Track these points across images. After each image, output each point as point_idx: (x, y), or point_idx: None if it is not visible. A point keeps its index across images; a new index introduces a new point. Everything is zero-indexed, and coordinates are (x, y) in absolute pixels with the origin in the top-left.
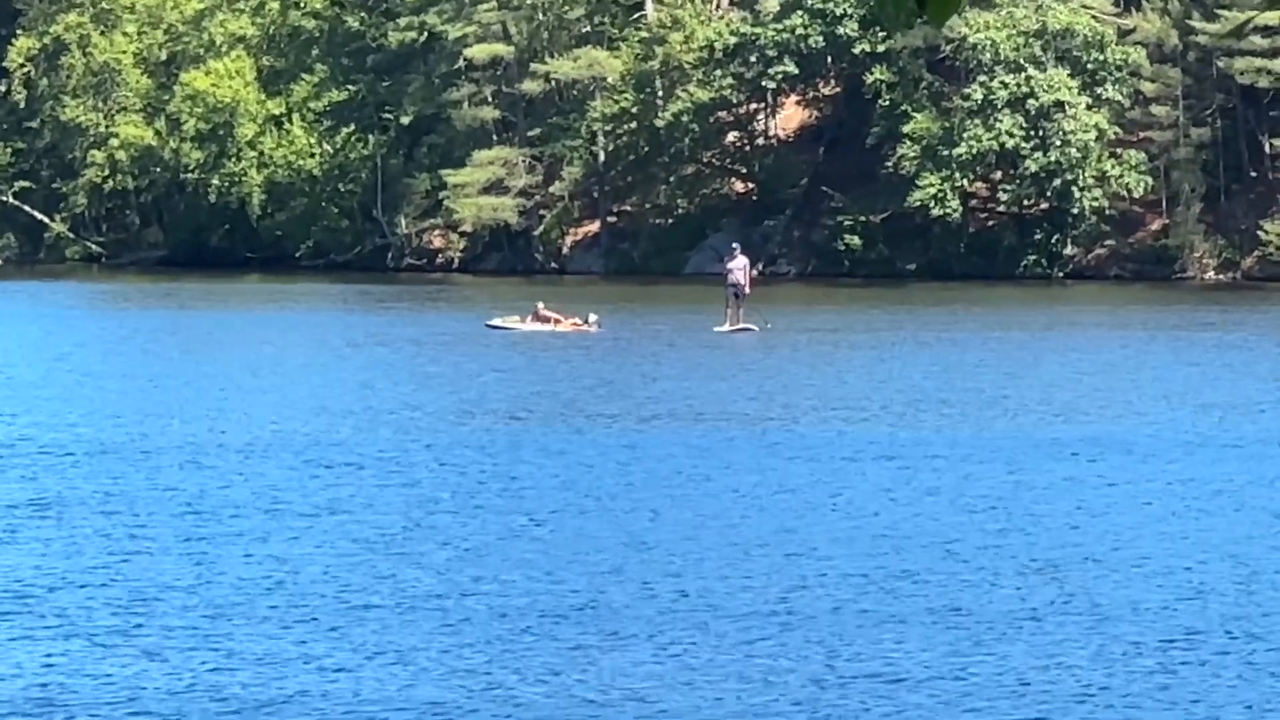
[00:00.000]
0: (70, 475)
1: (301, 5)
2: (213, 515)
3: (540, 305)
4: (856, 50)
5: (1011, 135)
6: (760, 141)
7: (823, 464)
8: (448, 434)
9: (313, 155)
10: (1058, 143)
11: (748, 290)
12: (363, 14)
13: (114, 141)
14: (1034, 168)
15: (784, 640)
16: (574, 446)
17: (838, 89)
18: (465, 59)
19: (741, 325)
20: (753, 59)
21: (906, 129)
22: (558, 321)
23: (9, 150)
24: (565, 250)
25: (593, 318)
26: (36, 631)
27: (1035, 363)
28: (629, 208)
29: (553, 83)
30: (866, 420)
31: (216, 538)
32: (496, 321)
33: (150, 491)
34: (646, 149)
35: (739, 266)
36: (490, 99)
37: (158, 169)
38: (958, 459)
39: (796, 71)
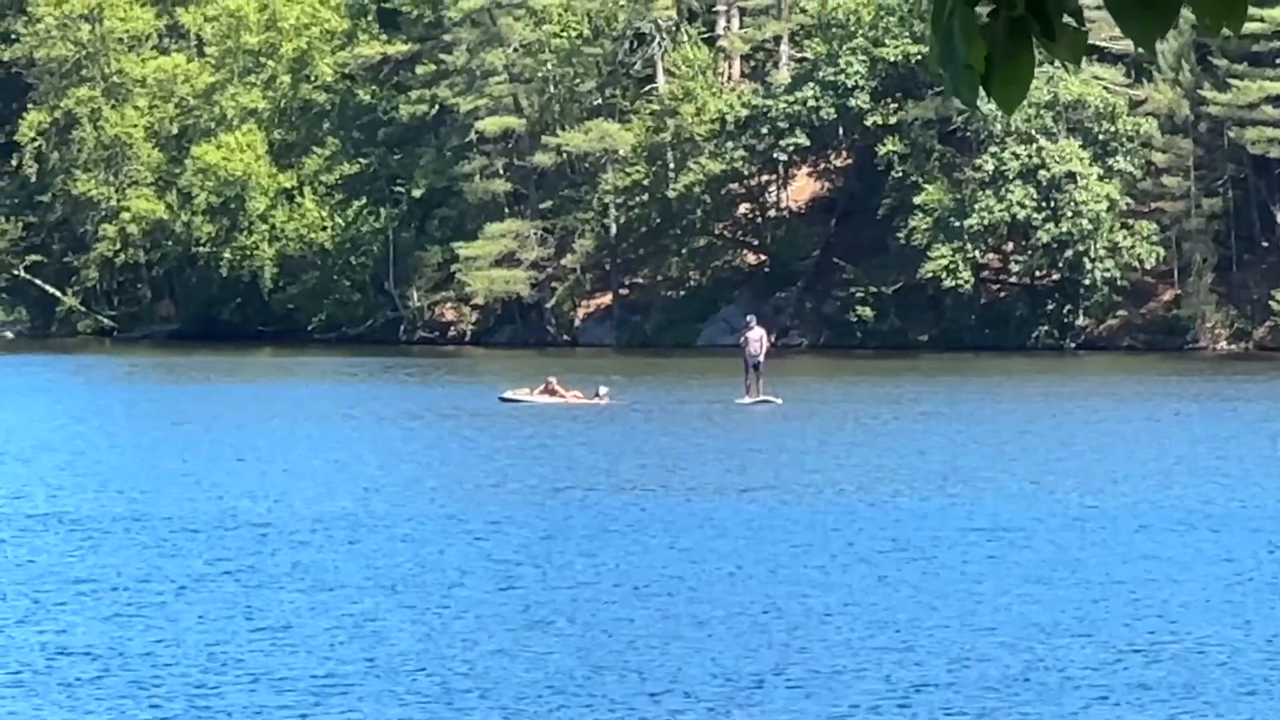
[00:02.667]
0: (120, 551)
1: (313, 79)
2: (298, 591)
3: (553, 379)
4: (868, 122)
5: (1023, 206)
6: (772, 213)
7: (852, 534)
8: (491, 509)
9: (324, 228)
10: (1069, 213)
11: (763, 361)
12: (374, 87)
13: (125, 215)
14: (1046, 238)
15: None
16: (621, 518)
17: (849, 160)
18: (476, 132)
19: (763, 397)
20: (764, 131)
21: (918, 200)
22: (564, 397)
23: (20, 224)
24: (577, 322)
25: (603, 390)
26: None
27: (1055, 435)
28: (641, 280)
29: (564, 155)
30: (894, 493)
31: (307, 612)
32: (509, 394)
33: (213, 567)
34: (658, 221)
35: (756, 338)
36: (502, 171)
37: (169, 242)
38: (995, 533)
39: (808, 143)
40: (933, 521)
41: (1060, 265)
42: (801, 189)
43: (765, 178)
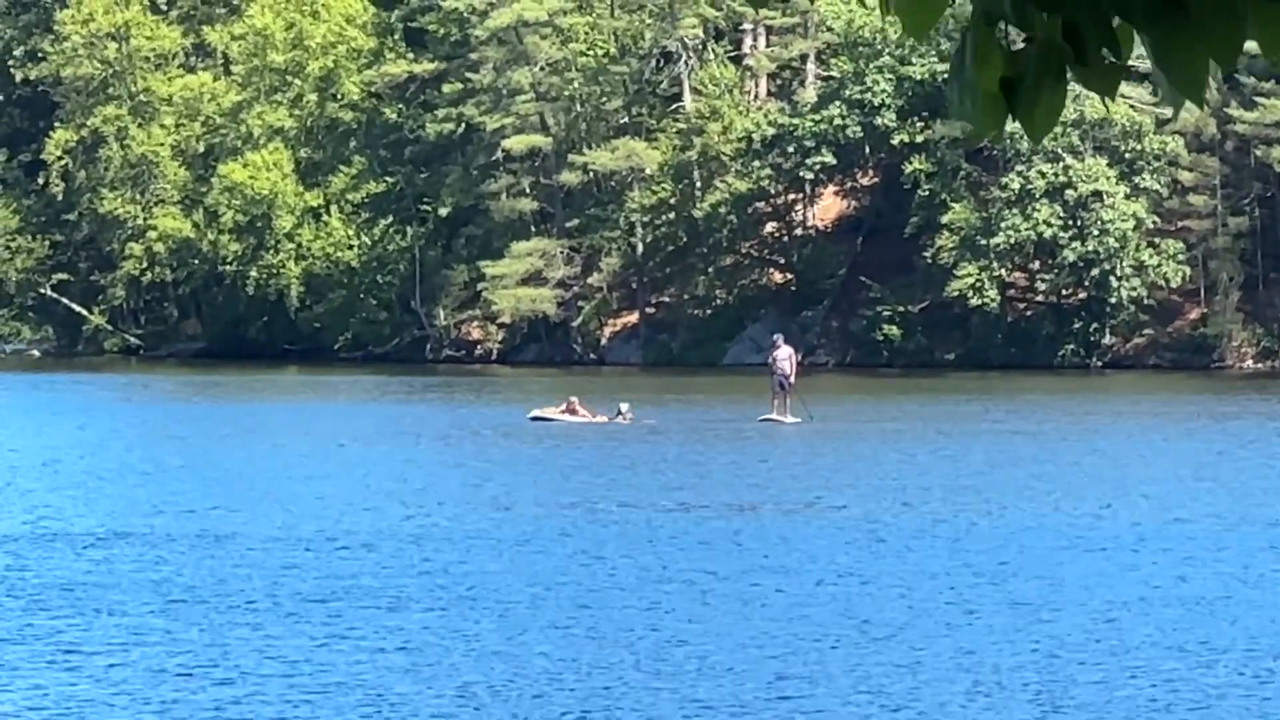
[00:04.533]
0: (163, 565)
1: (339, 97)
2: (334, 605)
3: (574, 399)
4: (894, 140)
5: (1049, 225)
6: (798, 232)
7: (906, 554)
8: (546, 526)
9: (351, 247)
10: (1096, 232)
11: (793, 380)
12: (400, 106)
13: (152, 234)
14: (1072, 257)
15: None
16: (678, 537)
17: (876, 179)
18: (503, 150)
19: (772, 417)
20: (791, 149)
21: (944, 219)
22: (584, 416)
23: (47, 243)
24: (604, 341)
25: (625, 408)
26: None
27: (1083, 454)
28: (667, 298)
29: (591, 174)
30: (945, 513)
31: (354, 627)
32: (538, 413)
33: (255, 582)
34: (685, 240)
35: (784, 357)
36: (528, 190)
37: (196, 261)
38: (1062, 551)
39: (834, 162)
40: (987, 542)
41: (1086, 284)
42: (828, 208)
43: (791, 196)
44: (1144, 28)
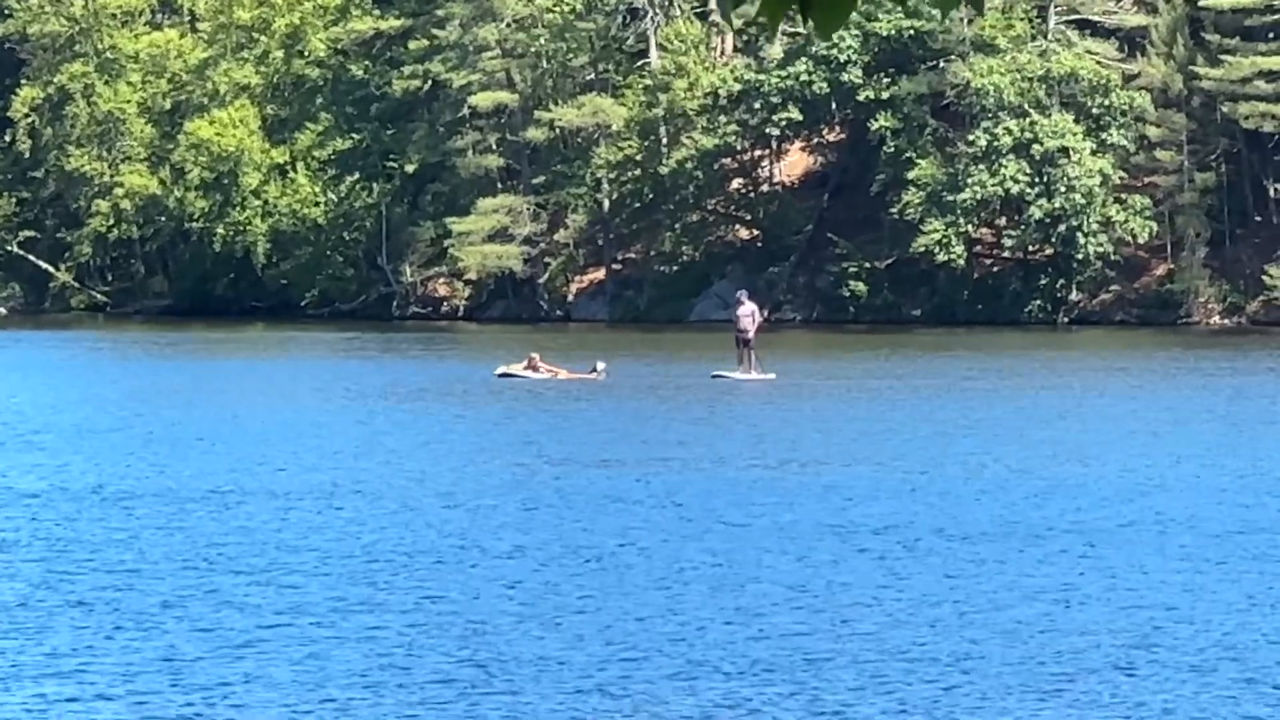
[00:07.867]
0: (141, 521)
1: (305, 54)
2: (326, 563)
3: (535, 355)
4: (861, 97)
5: (1016, 181)
6: (765, 188)
7: (883, 511)
8: (504, 484)
9: (317, 204)
10: (1062, 188)
11: (751, 336)
12: (366, 63)
13: (119, 190)
14: (1038, 213)
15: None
16: (614, 492)
17: (842, 135)
18: (469, 107)
19: (739, 374)
20: (757, 105)
21: (911, 175)
22: (548, 372)
23: (13, 200)
24: (570, 298)
25: (600, 366)
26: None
27: (1048, 412)
28: (634, 255)
29: (557, 130)
30: (889, 465)
31: (364, 588)
32: (504, 369)
33: (231, 539)
34: (651, 196)
35: (746, 313)
36: (494, 147)
37: (162, 218)
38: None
39: (801, 118)
40: (963, 501)
41: (1053, 240)
42: (794, 164)
43: (758, 153)
44: None
